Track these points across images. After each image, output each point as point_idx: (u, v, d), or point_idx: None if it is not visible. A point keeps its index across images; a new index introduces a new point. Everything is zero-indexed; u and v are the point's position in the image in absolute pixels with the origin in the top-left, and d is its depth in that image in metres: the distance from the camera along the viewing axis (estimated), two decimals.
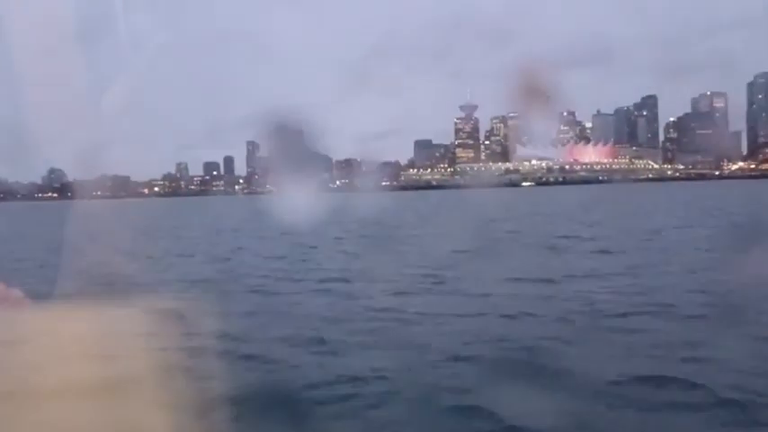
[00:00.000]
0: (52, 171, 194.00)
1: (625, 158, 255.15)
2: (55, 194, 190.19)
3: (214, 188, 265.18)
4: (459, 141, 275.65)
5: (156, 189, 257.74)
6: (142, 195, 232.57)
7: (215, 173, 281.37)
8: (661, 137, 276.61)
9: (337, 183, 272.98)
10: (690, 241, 26.94)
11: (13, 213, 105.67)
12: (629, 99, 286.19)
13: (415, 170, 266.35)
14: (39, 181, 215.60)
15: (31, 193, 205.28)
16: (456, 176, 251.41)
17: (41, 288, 2.34)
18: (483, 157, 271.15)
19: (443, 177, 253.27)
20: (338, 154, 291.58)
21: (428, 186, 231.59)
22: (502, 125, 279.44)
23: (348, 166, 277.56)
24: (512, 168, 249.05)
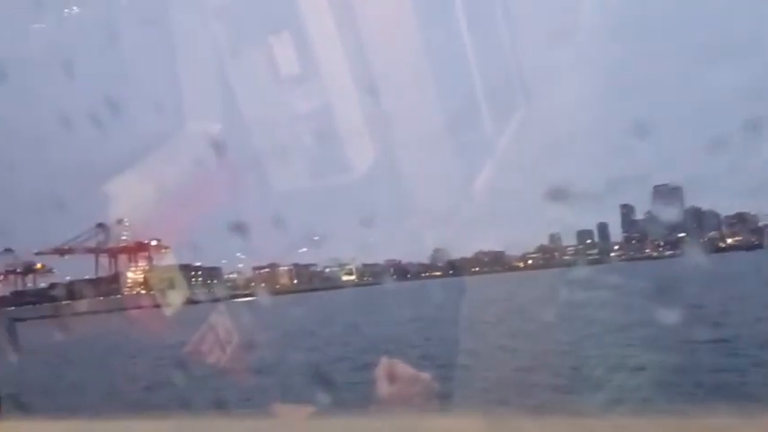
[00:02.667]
0: (437, 251, 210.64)
1: None
2: (438, 273, 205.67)
3: (588, 256, 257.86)
4: None
5: (530, 262, 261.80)
6: (517, 269, 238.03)
7: (588, 241, 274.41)
8: None
9: (728, 241, 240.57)
10: None
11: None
12: None
13: None
14: (425, 261, 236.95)
15: (418, 272, 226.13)
16: None
17: None
18: None
19: None
20: (725, 209, 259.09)
21: None
22: None
23: (741, 221, 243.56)
24: None
